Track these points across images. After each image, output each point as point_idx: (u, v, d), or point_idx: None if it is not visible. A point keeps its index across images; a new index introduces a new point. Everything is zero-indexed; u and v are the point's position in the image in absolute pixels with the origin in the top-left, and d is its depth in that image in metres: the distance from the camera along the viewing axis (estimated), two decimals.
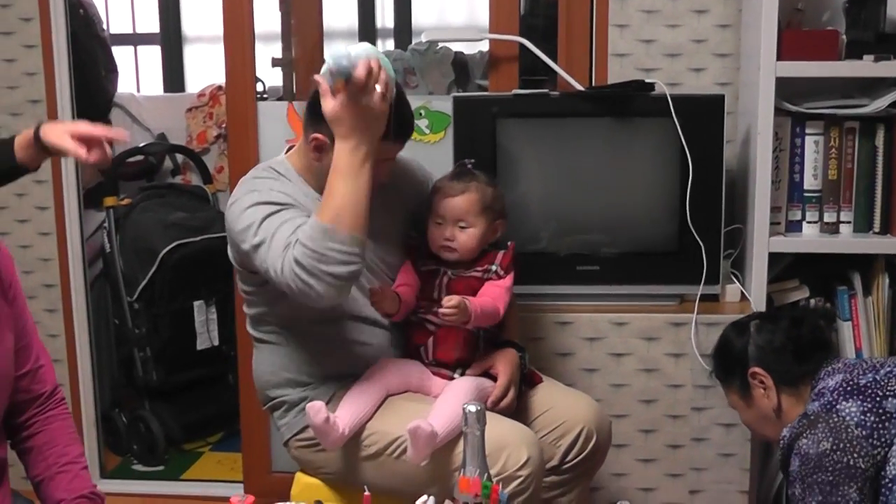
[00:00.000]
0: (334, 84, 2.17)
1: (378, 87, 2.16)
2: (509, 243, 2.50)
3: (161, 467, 3.81)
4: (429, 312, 2.43)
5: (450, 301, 2.31)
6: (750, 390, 2.41)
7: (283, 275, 2.16)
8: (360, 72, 2.13)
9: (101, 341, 3.82)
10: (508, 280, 2.47)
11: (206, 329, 3.92)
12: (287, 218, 2.24)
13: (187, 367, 3.94)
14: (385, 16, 5.06)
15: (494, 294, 2.43)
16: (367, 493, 1.83)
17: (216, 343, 3.95)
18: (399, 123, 2.31)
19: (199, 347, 3.92)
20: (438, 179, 2.54)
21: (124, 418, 3.87)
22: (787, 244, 2.85)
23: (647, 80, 2.86)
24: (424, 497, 1.84)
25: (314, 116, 2.30)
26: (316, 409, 2.25)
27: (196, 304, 3.89)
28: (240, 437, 3.49)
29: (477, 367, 2.44)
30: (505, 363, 2.46)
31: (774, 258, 2.85)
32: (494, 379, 2.44)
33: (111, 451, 3.86)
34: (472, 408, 1.82)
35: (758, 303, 2.83)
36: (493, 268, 2.46)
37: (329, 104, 2.19)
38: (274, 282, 2.22)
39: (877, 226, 2.84)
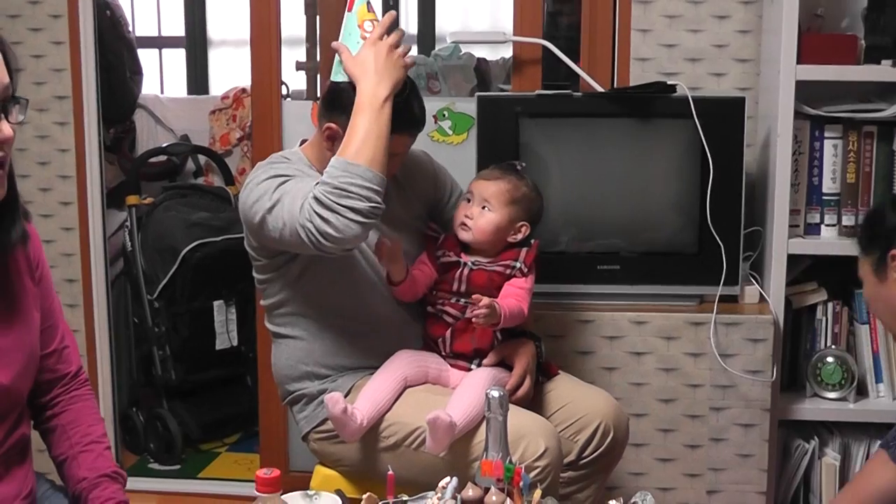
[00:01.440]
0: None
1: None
2: (533, 241, 2.51)
3: (178, 466, 3.82)
4: (447, 304, 2.44)
5: (482, 301, 2.31)
6: (885, 270, 2.21)
7: (301, 216, 2.14)
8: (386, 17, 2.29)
9: (120, 341, 3.85)
10: (530, 281, 2.48)
11: (225, 329, 3.94)
12: (304, 180, 2.26)
13: (206, 367, 3.95)
14: (409, 22, 5.10)
15: (518, 295, 2.44)
16: (390, 472, 1.85)
17: (235, 343, 3.96)
18: (409, 117, 2.34)
19: (218, 347, 3.93)
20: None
21: (142, 417, 3.88)
22: (806, 246, 2.88)
23: (669, 82, 2.89)
24: (447, 478, 1.86)
25: (329, 106, 2.36)
26: (334, 400, 2.26)
27: (216, 303, 3.91)
28: (257, 439, 3.51)
29: (493, 357, 2.44)
30: (521, 353, 2.46)
31: (793, 260, 2.87)
32: (510, 369, 2.45)
33: (128, 450, 3.88)
34: (496, 393, 1.84)
35: (776, 304, 2.85)
36: (517, 264, 2.46)
37: (349, 56, 2.28)
38: (288, 242, 2.22)
39: None
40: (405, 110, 2.31)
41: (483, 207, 2.45)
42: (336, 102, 2.33)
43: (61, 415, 2.03)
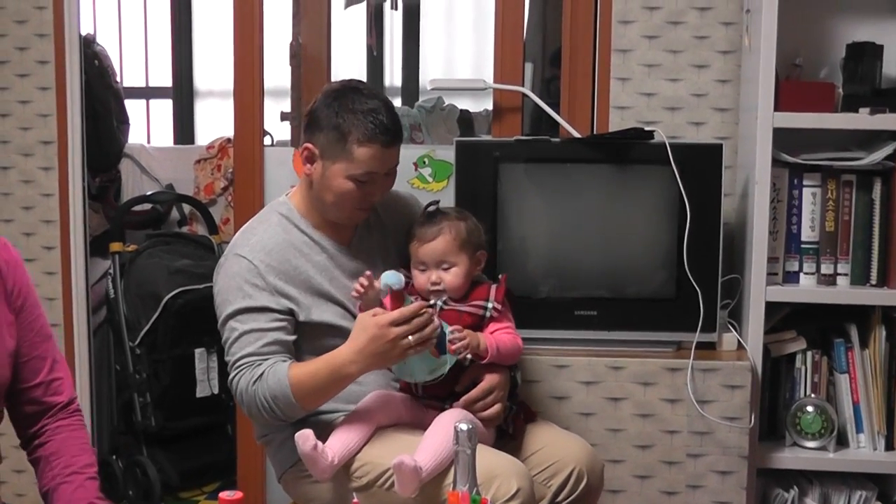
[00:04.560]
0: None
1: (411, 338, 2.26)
2: (501, 276, 2.51)
3: None
4: None
5: (462, 332, 2.34)
6: None
7: (231, 383, 2.38)
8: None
9: (102, 389, 3.83)
10: (510, 318, 2.49)
11: (206, 377, 3.91)
12: (253, 327, 2.40)
13: (186, 415, 3.92)
14: (394, 73, 5.15)
15: (507, 331, 2.45)
16: (355, 500, 1.84)
17: (216, 391, 3.93)
18: (382, 129, 2.35)
19: (198, 395, 3.90)
20: (412, 226, 2.51)
21: (121, 464, 3.84)
22: (784, 294, 2.88)
23: (647, 129, 2.90)
24: None
25: (309, 127, 2.41)
26: (304, 437, 2.26)
27: (197, 351, 3.88)
28: (236, 488, 3.47)
29: (465, 380, 2.42)
30: (492, 373, 2.43)
31: (771, 308, 2.87)
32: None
33: (107, 497, 3.83)
34: (464, 426, 1.86)
35: (754, 351, 2.84)
36: (489, 304, 2.45)
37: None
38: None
39: (874, 278, 2.86)
40: (377, 124, 2.34)
41: (442, 268, 2.44)
42: (312, 124, 2.40)
43: (46, 445, 2.03)
